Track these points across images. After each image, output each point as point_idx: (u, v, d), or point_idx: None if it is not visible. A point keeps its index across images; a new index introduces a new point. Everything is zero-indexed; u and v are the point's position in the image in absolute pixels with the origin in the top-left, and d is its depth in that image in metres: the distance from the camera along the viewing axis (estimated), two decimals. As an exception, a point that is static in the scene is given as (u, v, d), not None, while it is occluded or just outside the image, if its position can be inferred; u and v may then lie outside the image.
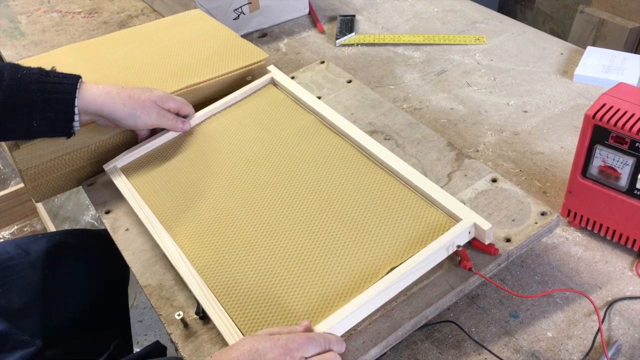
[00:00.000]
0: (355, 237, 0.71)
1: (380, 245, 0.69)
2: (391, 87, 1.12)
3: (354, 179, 0.78)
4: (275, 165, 0.82)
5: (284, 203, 0.76)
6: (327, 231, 0.72)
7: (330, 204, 0.75)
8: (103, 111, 0.81)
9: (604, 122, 0.71)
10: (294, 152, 0.83)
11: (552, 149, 0.94)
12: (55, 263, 0.91)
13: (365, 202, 0.74)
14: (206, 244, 0.74)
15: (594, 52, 1.13)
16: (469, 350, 0.68)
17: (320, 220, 0.73)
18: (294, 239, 0.72)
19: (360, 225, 0.72)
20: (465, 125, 1.01)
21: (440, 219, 0.71)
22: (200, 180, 0.83)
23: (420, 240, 0.69)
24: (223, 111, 0.94)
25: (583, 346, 0.67)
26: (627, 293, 0.73)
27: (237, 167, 0.83)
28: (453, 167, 0.82)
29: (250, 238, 0.73)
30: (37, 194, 0.91)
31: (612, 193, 0.74)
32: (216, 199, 0.79)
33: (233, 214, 0.77)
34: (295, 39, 1.30)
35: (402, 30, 1.29)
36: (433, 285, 0.68)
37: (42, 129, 0.79)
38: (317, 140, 0.84)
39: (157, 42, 1.07)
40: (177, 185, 0.83)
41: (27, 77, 0.77)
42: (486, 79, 1.12)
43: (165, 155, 0.88)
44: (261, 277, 0.69)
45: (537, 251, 0.78)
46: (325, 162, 0.81)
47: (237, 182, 0.81)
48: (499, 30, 1.26)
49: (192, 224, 0.77)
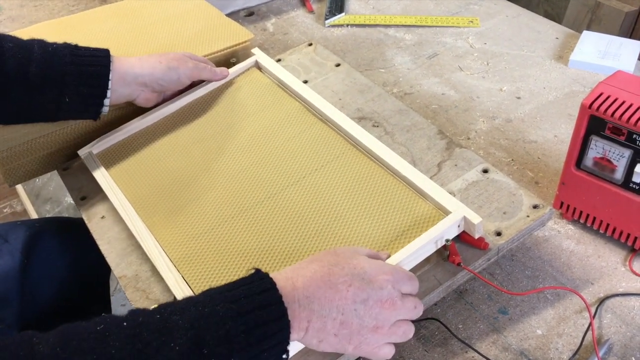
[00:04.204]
0: (340, 229, 0.68)
1: (366, 238, 0.66)
2: (381, 71, 1.08)
3: (339, 169, 0.74)
4: (257, 153, 0.79)
5: (265, 193, 0.73)
6: (309, 223, 0.69)
7: (314, 195, 0.72)
8: (143, 74, 0.79)
9: (601, 113, 0.68)
10: (277, 139, 0.80)
11: (545, 138, 0.92)
12: (35, 251, 0.88)
13: (350, 192, 0.71)
14: (184, 233, 0.71)
15: (590, 37, 1.10)
16: (456, 348, 0.65)
17: (303, 212, 0.70)
18: (276, 231, 0.69)
19: (345, 217, 0.69)
20: (457, 111, 0.98)
21: (429, 212, 0.68)
22: (179, 167, 0.79)
23: (407, 234, 0.66)
24: (204, 96, 0.90)
25: (573, 344, 0.65)
26: (620, 289, 0.71)
27: (217, 155, 0.79)
28: (443, 157, 0.79)
29: (230, 228, 0.70)
30: (11, 178, 0.87)
31: (607, 186, 0.72)
32: (195, 186, 0.76)
33: (212, 202, 0.73)
34: (283, 18, 1.26)
35: (393, 11, 1.25)
36: (420, 281, 0.65)
37: (73, 105, 0.75)
38: (302, 127, 0.81)
39: (138, 19, 1.03)
40: (155, 172, 0.79)
41: (59, 51, 0.74)
42: (479, 63, 1.08)
43: (143, 141, 0.85)
44: (240, 270, 0.66)
45: (528, 244, 0.76)
46: (310, 150, 0.77)
47: (216, 170, 0.77)
48: (493, 12, 1.23)
49: (169, 212, 0.74)
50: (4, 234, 0.88)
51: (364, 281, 0.54)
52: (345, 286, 0.53)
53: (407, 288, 0.57)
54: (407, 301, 0.56)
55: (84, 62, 0.75)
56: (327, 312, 0.52)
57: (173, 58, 0.83)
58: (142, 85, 0.80)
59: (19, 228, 0.90)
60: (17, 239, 0.88)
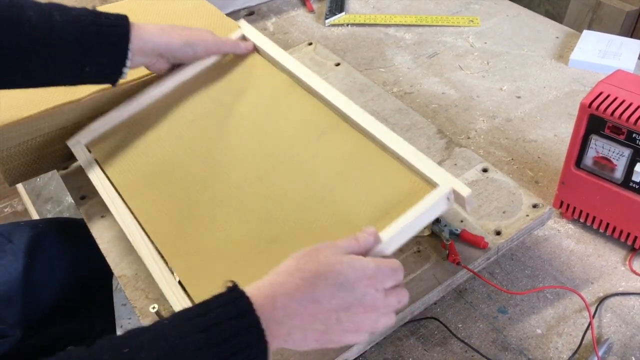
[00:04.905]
0: (329, 209, 0.65)
1: (355, 216, 0.64)
2: (381, 70, 1.08)
3: (328, 145, 0.71)
4: (246, 132, 0.76)
5: (255, 174, 0.71)
6: (298, 205, 0.66)
7: (303, 174, 0.69)
8: (160, 46, 0.78)
9: (600, 112, 0.68)
10: (266, 116, 0.77)
11: (545, 137, 0.91)
12: (38, 252, 0.88)
13: (339, 169, 0.68)
14: (173, 222, 0.69)
15: (590, 36, 1.10)
16: (455, 348, 0.65)
17: (292, 193, 0.68)
18: (265, 214, 0.67)
19: (334, 195, 0.66)
20: (457, 110, 0.98)
21: (418, 185, 0.64)
22: (168, 152, 0.78)
23: (396, 209, 0.62)
24: (194, 76, 0.86)
25: (573, 344, 0.65)
26: (620, 289, 0.71)
27: (207, 137, 0.77)
28: (443, 156, 0.79)
29: (220, 214, 0.69)
30: (10, 177, 0.87)
31: (607, 185, 0.72)
32: (185, 171, 0.74)
33: (202, 187, 0.72)
34: (284, 17, 1.26)
35: (394, 10, 1.25)
36: (419, 280, 0.66)
37: (93, 72, 0.75)
38: (291, 102, 0.78)
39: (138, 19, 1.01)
40: (144, 159, 0.78)
41: (81, 18, 0.72)
42: (479, 62, 1.08)
43: (132, 127, 0.82)
44: (230, 259, 0.65)
45: (528, 244, 0.76)
46: (298, 126, 0.75)
47: (206, 153, 0.75)
48: (494, 12, 1.23)
49: (158, 201, 0.72)
50: (7, 235, 0.88)
51: (347, 290, 0.52)
52: (328, 299, 0.51)
53: (391, 282, 0.55)
54: (390, 298, 0.55)
55: (105, 31, 0.73)
56: (309, 326, 0.51)
57: (193, 34, 0.82)
58: (158, 55, 0.80)
59: (22, 228, 0.90)
60: (21, 240, 0.88)
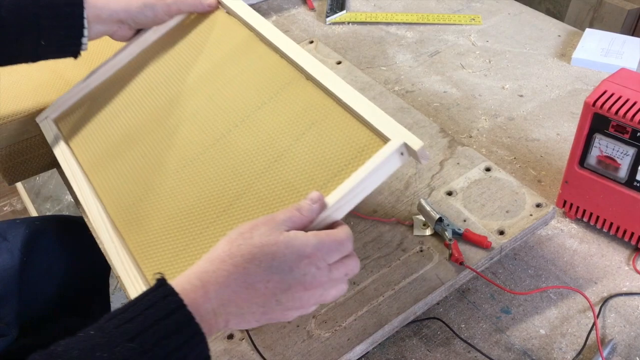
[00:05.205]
0: (281, 171, 0.62)
1: (307, 178, 0.60)
2: (382, 69, 1.07)
3: (284, 102, 0.68)
4: (205, 94, 0.73)
5: (210, 139, 0.69)
6: (251, 168, 0.64)
7: (257, 136, 0.66)
8: (118, 12, 0.77)
9: (605, 110, 0.67)
10: (225, 75, 0.74)
11: (547, 136, 0.91)
12: (34, 250, 0.87)
13: (293, 128, 0.64)
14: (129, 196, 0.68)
15: (593, 35, 1.10)
16: (458, 348, 0.65)
17: (246, 156, 0.65)
18: (217, 181, 0.65)
19: (286, 156, 0.63)
20: (459, 109, 0.97)
21: (370, 141, 0.59)
22: (131, 123, 0.75)
23: (348, 168, 0.58)
24: (156, 41, 0.84)
25: (577, 344, 0.65)
26: (624, 289, 0.70)
27: (167, 103, 0.75)
28: (445, 155, 0.78)
29: (173, 184, 0.67)
30: (9, 176, 0.87)
31: (611, 184, 0.71)
32: (145, 142, 0.72)
33: (158, 157, 0.70)
34: (284, 15, 1.25)
35: (395, 9, 1.25)
36: (422, 280, 0.65)
37: (51, 47, 0.73)
38: (251, 59, 0.74)
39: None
40: (108, 131, 0.76)
41: None
42: (481, 61, 1.08)
43: (96, 99, 0.80)
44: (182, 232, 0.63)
45: (531, 243, 0.75)
46: (256, 85, 0.71)
47: (166, 120, 0.73)
48: (495, 10, 1.22)
49: (118, 175, 0.71)
50: (3, 232, 0.88)
51: (284, 272, 0.49)
52: (264, 284, 0.49)
53: (336, 255, 0.52)
54: (335, 272, 0.52)
55: (57, 2, 0.72)
56: (247, 310, 0.49)
57: None
58: (118, 22, 0.78)
59: (18, 226, 0.90)
60: (17, 237, 0.87)
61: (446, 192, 0.74)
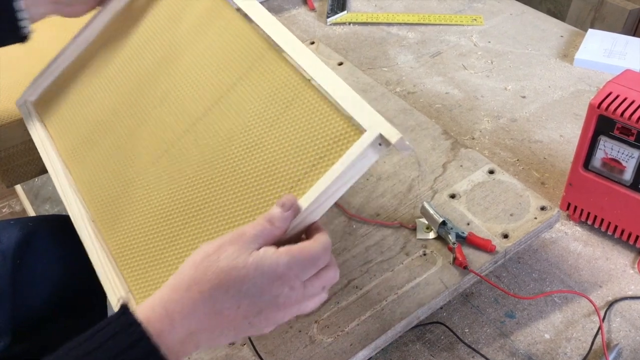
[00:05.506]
0: (254, 165, 0.58)
1: (280, 174, 0.56)
2: (384, 69, 1.07)
3: (256, 83, 0.63)
4: (177, 71, 0.70)
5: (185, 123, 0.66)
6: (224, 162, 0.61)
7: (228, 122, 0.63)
8: None
9: (610, 112, 0.67)
10: (195, 49, 0.70)
11: (551, 138, 0.90)
12: (28, 251, 0.86)
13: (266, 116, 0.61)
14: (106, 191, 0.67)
15: (595, 35, 1.09)
16: (462, 353, 0.64)
17: (218, 146, 0.62)
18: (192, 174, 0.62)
19: (259, 147, 0.59)
20: (461, 110, 0.97)
21: (344, 131, 0.55)
22: (106, 105, 0.73)
23: (323, 161, 0.55)
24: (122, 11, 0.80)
25: (582, 349, 0.64)
26: (629, 292, 0.69)
27: (140, 82, 0.72)
28: (448, 157, 0.78)
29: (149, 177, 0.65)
30: (8, 179, 0.86)
31: (616, 187, 0.70)
32: (121, 127, 0.70)
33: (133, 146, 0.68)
34: (285, 16, 1.24)
35: (396, 9, 1.24)
36: (426, 284, 0.65)
37: None
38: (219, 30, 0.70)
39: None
40: (84, 115, 0.74)
41: None
42: (483, 62, 1.07)
43: (70, 80, 0.78)
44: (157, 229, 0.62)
45: (535, 246, 0.75)
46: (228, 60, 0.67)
47: (139, 101, 0.71)
48: (497, 11, 1.21)
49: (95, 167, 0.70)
50: None
51: (255, 295, 0.47)
52: (234, 310, 0.46)
53: (311, 271, 0.48)
54: (310, 289, 0.49)
55: None
56: (217, 336, 0.47)
57: None
58: (54, 2, 0.75)
59: (11, 227, 0.88)
60: (10, 239, 0.85)
61: (449, 195, 0.73)
